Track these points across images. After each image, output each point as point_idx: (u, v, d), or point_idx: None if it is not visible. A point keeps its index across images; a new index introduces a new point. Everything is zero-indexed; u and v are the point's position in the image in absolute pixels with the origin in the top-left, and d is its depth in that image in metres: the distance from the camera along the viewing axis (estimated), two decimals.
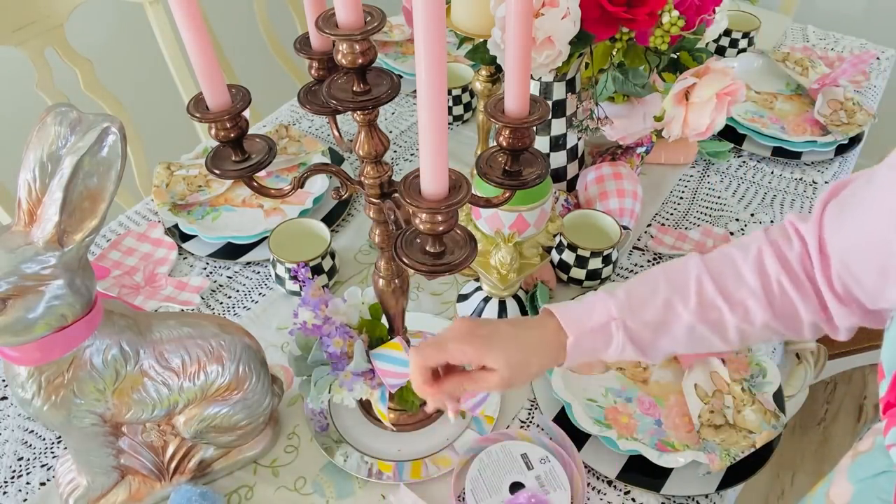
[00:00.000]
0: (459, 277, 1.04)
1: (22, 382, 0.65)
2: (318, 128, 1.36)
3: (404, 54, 1.50)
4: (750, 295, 0.64)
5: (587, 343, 0.66)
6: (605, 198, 1.07)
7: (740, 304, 0.64)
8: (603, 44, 0.95)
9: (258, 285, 1.05)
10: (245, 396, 0.75)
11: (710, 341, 0.67)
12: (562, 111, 1.05)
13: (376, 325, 0.82)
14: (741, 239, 0.68)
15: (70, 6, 1.33)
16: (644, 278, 0.69)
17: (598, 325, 0.65)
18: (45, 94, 1.31)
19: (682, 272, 0.67)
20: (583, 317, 0.66)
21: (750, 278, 0.64)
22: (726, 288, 0.65)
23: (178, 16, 0.55)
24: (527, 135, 0.60)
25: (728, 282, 0.65)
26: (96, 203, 0.60)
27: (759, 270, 0.64)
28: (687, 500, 0.80)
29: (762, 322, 0.65)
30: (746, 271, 0.65)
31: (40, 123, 0.60)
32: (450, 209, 0.54)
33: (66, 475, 0.79)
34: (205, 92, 0.60)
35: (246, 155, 0.64)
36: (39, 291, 0.60)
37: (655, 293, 0.66)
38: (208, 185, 1.19)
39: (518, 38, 0.55)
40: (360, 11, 0.56)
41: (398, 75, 0.63)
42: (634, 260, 1.08)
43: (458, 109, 1.32)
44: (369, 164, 0.65)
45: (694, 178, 1.23)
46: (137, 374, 0.69)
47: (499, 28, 0.83)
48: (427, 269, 0.58)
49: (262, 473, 0.83)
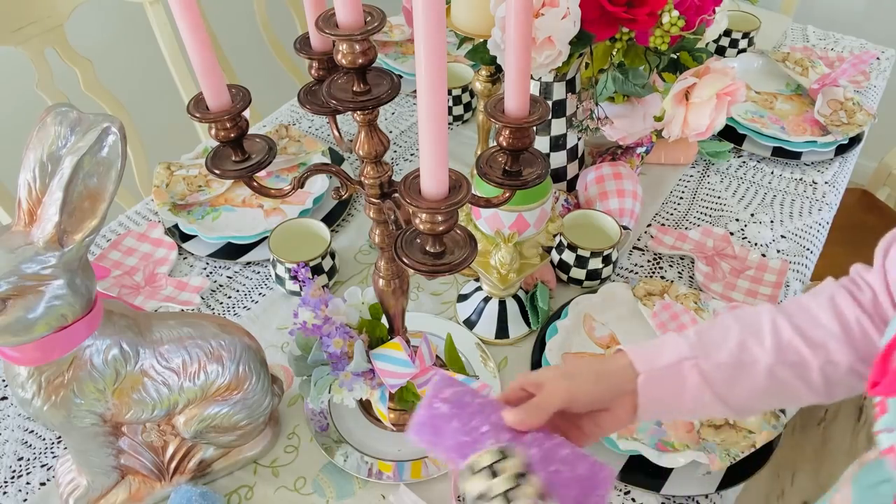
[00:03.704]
0: (459, 277, 1.04)
1: (22, 382, 0.65)
2: (318, 128, 1.36)
3: (404, 54, 1.50)
4: (829, 336, 0.62)
5: (659, 385, 0.63)
6: (605, 198, 1.07)
7: (821, 345, 0.62)
8: (603, 44, 0.95)
9: (258, 285, 1.05)
10: (245, 396, 0.75)
11: (794, 386, 0.63)
12: (562, 111, 1.05)
13: (376, 325, 0.82)
14: (812, 290, 0.67)
15: (70, 6, 1.33)
16: (714, 322, 0.66)
17: (669, 363, 0.63)
18: (45, 94, 1.31)
19: (753, 315, 0.65)
20: (653, 356, 0.63)
21: (826, 320, 0.62)
22: (802, 328, 0.62)
23: (177, 16, 0.55)
24: (527, 135, 0.60)
25: (804, 323, 0.63)
26: (96, 203, 0.60)
27: (835, 312, 0.63)
28: (687, 500, 0.80)
29: (847, 364, 0.61)
30: (821, 314, 0.63)
31: (40, 123, 0.60)
32: (450, 209, 0.54)
33: (66, 475, 0.79)
34: (205, 92, 0.60)
35: (246, 155, 0.64)
36: (39, 291, 0.60)
37: (728, 334, 0.64)
38: (208, 185, 1.19)
39: (518, 38, 0.55)
40: (360, 11, 0.56)
41: (398, 75, 0.63)
42: (634, 260, 1.08)
43: (458, 109, 1.32)
44: (369, 164, 0.65)
45: (694, 178, 1.23)
46: (137, 374, 0.69)
47: (499, 28, 0.83)
48: (427, 269, 0.57)
49: (262, 473, 0.83)
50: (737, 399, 0.64)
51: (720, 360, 0.63)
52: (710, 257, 1.06)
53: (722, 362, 0.63)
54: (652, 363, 0.63)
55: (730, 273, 1.05)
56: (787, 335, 0.63)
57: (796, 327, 0.63)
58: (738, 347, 0.63)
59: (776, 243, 1.11)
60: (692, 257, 1.07)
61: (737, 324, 0.64)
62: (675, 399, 0.63)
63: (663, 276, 1.06)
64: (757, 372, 0.63)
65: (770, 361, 0.62)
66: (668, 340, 0.64)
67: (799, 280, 1.05)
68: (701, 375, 0.62)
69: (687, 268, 1.07)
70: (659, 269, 1.07)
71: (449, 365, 0.87)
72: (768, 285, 1.03)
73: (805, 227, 1.14)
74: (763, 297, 1.01)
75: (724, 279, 1.04)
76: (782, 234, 1.13)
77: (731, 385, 0.63)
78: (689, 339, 0.64)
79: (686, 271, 1.06)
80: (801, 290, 1.04)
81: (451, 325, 0.97)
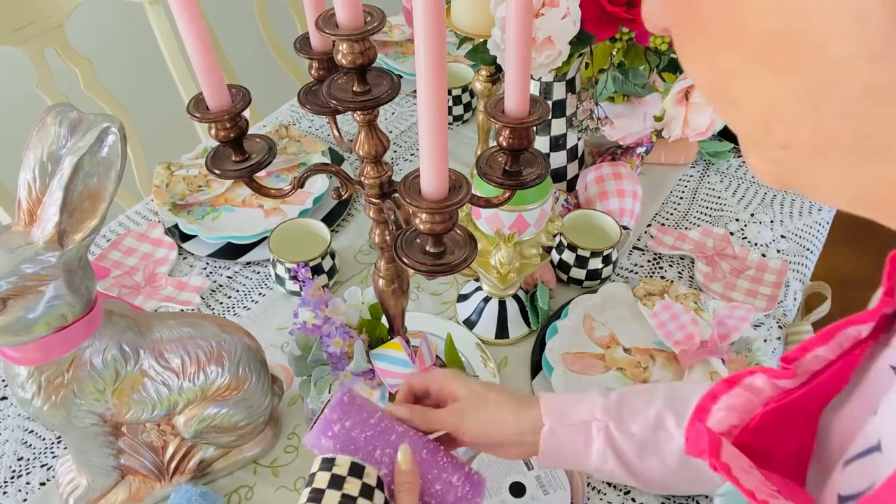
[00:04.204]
0: (459, 277, 1.04)
1: (22, 382, 0.65)
2: (318, 128, 1.36)
3: (404, 54, 1.50)
4: None
5: (565, 438, 0.61)
6: (605, 198, 1.07)
7: None
8: (603, 44, 0.95)
9: (258, 285, 1.05)
10: (245, 396, 0.75)
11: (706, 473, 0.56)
12: (562, 111, 1.05)
13: (376, 325, 0.82)
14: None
15: (70, 6, 1.33)
16: (644, 390, 0.63)
17: (578, 420, 0.61)
18: (45, 94, 1.31)
19: (686, 393, 0.61)
20: (566, 409, 0.62)
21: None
22: None
23: (177, 16, 0.55)
24: (527, 135, 0.60)
25: None
26: (96, 203, 0.60)
27: None
28: (687, 500, 0.80)
29: None
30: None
31: (40, 123, 0.60)
32: (450, 209, 0.54)
33: (66, 475, 0.79)
34: (205, 92, 0.60)
35: (246, 155, 0.64)
36: (39, 291, 0.60)
37: (649, 405, 0.61)
38: (208, 185, 1.19)
39: (518, 38, 0.55)
40: (360, 11, 0.56)
41: (398, 75, 0.63)
42: (634, 260, 1.08)
43: (458, 109, 1.32)
44: (369, 164, 0.65)
45: (694, 178, 1.23)
46: (137, 374, 0.69)
47: (499, 28, 0.82)
48: (427, 269, 0.57)
49: (262, 473, 0.83)
50: (648, 475, 0.61)
51: (632, 429, 0.60)
52: (710, 257, 1.06)
53: (634, 433, 0.60)
54: (562, 418, 0.61)
55: (730, 273, 1.05)
56: None
57: None
58: (655, 421, 0.60)
59: (776, 243, 1.11)
60: (692, 257, 1.07)
61: (665, 397, 0.62)
62: (578, 458, 0.62)
63: (663, 276, 1.06)
64: (669, 452, 0.60)
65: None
66: (586, 397, 0.63)
67: (799, 280, 1.05)
68: (607, 441, 0.60)
69: (687, 268, 1.07)
70: (659, 269, 1.07)
71: (449, 365, 0.87)
72: (768, 285, 1.03)
73: (805, 227, 1.14)
74: (763, 297, 1.01)
75: (724, 279, 1.04)
76: (782, 234, 1.13)
77: (640, 458, 0.60)
78: (608, 402, 0.62)
79: (686, 271, 1.06)
80: (800, 291, 1.04)
81: (451, 325, 0.97)
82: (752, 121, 0.32)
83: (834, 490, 0.40)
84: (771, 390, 0.45)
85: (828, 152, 0.29)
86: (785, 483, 0.42)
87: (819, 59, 0.27)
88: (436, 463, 0.59)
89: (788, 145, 0.30)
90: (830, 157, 0.30)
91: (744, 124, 0.33)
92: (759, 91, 0.29)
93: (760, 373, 0.45)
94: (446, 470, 0.59)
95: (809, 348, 0.43)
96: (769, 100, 0.29)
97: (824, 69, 0.27)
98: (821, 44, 0.26)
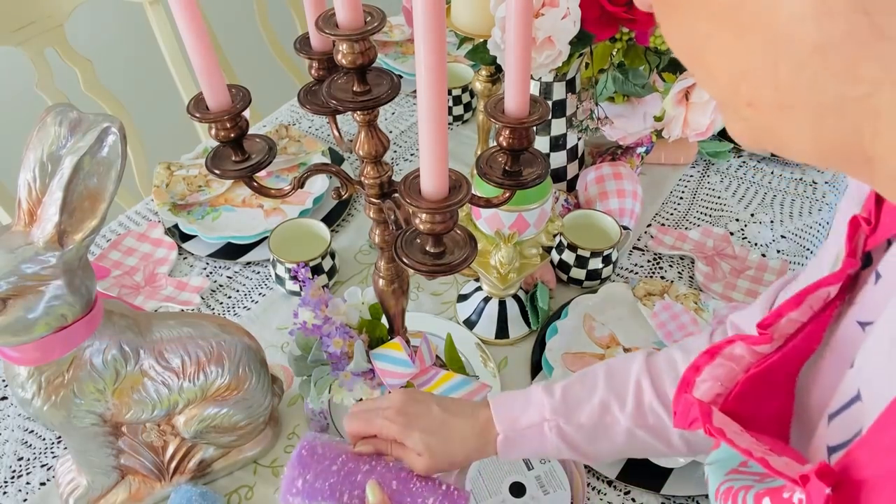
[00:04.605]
0: (459, 277, 1.04)
1: (22, 382, 0.65)
2: (318, 128, 1.36)
3: (404, 54, 1.50)
4: None
5: (520, 442, 0.64)
6: (605, 198, 1.07)
7: None
8: (603, 44, 0.95)
9: (258, 285, 1.05)
10: (245, 396, 0.75)
11: (655, 447, 0.65)
12: (562, 111, 1.05)
13: (376, 325, 0.82)
14: (685, 340, 0.68)
15: (70, 6, 1.33)
16: (584, 377, 0.67)
17: (530, 424, 0.64)
18: (45, 94, 1.31)
19: (623, 372, 0.66)
20: (517, 414, 0.65)
21: None
22: (665, 393, 0.63)
23: (177, 16, 0.55)
24: (527, 135, 0.60)
25: (667, 386, 0.63)
26: (96, 203, 0.60)
27: None
28: (687, 500, 0.80)
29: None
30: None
31: (40, 123, 0.60)
32: (450, 209, 0.54)
33: (66, 475, 0.79)
34: (205, 92, 0.60)
35: (246, 155, 0.64)
36: (39, 291, 0.60)
37: (593, 394, 0.65)
38: (208, 185, 1.19)
39: (518, 38, 0.55)
40: (360, 11, 0.56)
41: (398, 75, 0.63)
42: (634, 260, 1.08)
43: (458, 109, 1.32)
44: (369, 164, 0.65)
45: (694, 178, 1.23)
46: (137, 374, 0.69)
47: (499, 28, 0.82)
48: (427, 270, 0.57)
49: (262, 473, 0.83)
50: (598, 454, 0.66)
51: (581, 421, 0.64)
52: (710, 257, 1.06)
53: (583, 423, 0.64)
54: (513, 424, 0.64)
55: (730, 273, 1.05)
56: (647, 399, 0.64)
57: (660, 391, 0.64)
58: (601, 408, 0.64)
59: (776, 243, 1.11)
60: (692, 257, 1.07)
61: (605, 382, 0.65)
62: (537, 453, 0.66)
63: (663, 276, 1.06)
64: (616, 433, 0.64)
65: (629, 424, 0.64)
66: (532, 399, 0.66)
67: None
68: (560, 436, 0.64)
69: (687, 268, 1.07)
70: (659, 269, 1.07)
71: (449, 365, 0.87)
72: (768, 285, 1.03)
73: (805, 227, 1.14)
74: None
75: (724, 279, 1.04)
76: (782, 234, 1.13)
77: (591, 443, 0.65)
78: (554, 399, 0.65)
79: (686, 271, 1.06)
80: None
81: (451, 325, 0.97)
82: (722, 83, 0.34)
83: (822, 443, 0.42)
84: (750, 357, 0.48)
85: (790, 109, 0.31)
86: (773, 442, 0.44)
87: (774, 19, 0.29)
88: (408, 491, 0.62)
89: (753, 103, 0.32)
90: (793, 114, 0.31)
91: (716, 88, 0.34)
92: (727, 53, 0.32)
93: (739, 341, 0.48)
94: (420, 495, 0.62)
95: (783, 313, 0.46)
96: (735, 61, 0.32)
97: (778, 28, 0.29)
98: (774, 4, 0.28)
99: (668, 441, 0.64)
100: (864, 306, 0.45)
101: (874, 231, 0.44)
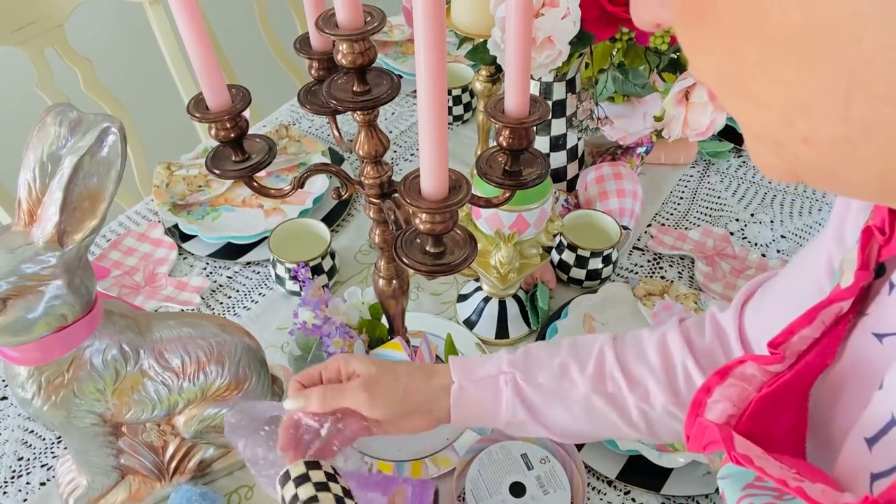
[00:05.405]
0: (459, 277, 1.04)
1: (22, 382, 0.65)
2: (318, 128, 1.36)
3: (404, 54, 1.50)
4: (649, 374, 0.62)
5: (474, 394, 0.63)
6: (605, 198, 1.07)
7: (639, 382, 0.62)
8: (603, 44, 0.95)
9: (258, 285, 1.05)
10: (245, 396, 0.75)
11: (611, 419, 0.63)
12: (562, 111, 1.05)
13: (376, 325, 0.82)
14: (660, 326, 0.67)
15: (70, 6, 1.33)
16: (549, 343, 0.67)
17: (486, 375, 0.63)
18: (45, 94, 1.31)
19: (588, 343, 0.65)
20: (474, 366, 0.64)
21: (653, 358, 0.62)
22: (626, 361, 0.63)
23: (177, 16, 0.55)
24: (527, 135, 0.60)
25: (630, 357, 0.63)
26: (96, 203, 0.60)
27: (662, 352, 0.63)
28: (687, 500, 0.80)
29: (661, 406, 0.61)
30: (650, 351, 0.63)
31: (40, 123, 0.60)
32: (450, 209, 0.54)
33: (66, 475, 0.79)
34: (205, 92, 0.60)
35: (246, 155, 0.64)
36: (39, 291, 0.60)
37: (554, 357, 0.64)
38: (208, 185, 1.19)
39: (518, 38, 0.55)
40: (360, 11, 0.56)
41: (398, 75, 0.63)
42: (634, 260, 1.08)
43: (458, 109, 1.32)
44: (369, 164, 0.66)
45: (694, 178, 1.23)
46: (137, 374, 0.69)
47: (499, 28, 0.82)
48: (427, 270, 0.58)
49: None
50: (554, 423, 0.63)
51: (539, 380, 0.63)
52: (710, 257, 1.06)
53: (540, 383, 0.63)
54: (470, 374, 0.63)
55: (730, 273, 1.05)
56: (609, 365, 0.63)
57: (621, 360, 0.63)
58: (560, 370, 0.63)
59: (776, 243, 1.11)
60: (692, 257, 1.07)
61: (568, 348, 0.65)
62: (488, 412, 0.64)
63: (663, 276, 1.06)
64: (574, 398, 0.62)
65: (587, 389, 0.62)
66: (494, 356, 0.65)
67: None
68: (515, 391, 0.62)
69: (687, 268, 1.07)
70: (659, 269, 1.07)
71: None
72: None
73: (805, 227, 1.14)
74: None
75: (725, 279, 1.04)
76: (782, 234, 1.13)
77: (546, 406, 0.63)
78: (515, 356, 0.64)
79: (686, 271, 1.06)
80: None
81: (451, 325, 0.97)
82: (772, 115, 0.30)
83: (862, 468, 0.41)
84: (762, 376, 0.46)
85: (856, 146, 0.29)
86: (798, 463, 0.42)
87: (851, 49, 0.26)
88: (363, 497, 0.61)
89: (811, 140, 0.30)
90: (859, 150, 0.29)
91: (761, 120, 0.31)
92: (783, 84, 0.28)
93: (750, 361, 0.46)
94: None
95: (795, 330, 0.45)
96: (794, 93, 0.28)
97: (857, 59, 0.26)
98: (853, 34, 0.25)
99: (627, 416, 0.63)
100: (878, 318, 0.43)
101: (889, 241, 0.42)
